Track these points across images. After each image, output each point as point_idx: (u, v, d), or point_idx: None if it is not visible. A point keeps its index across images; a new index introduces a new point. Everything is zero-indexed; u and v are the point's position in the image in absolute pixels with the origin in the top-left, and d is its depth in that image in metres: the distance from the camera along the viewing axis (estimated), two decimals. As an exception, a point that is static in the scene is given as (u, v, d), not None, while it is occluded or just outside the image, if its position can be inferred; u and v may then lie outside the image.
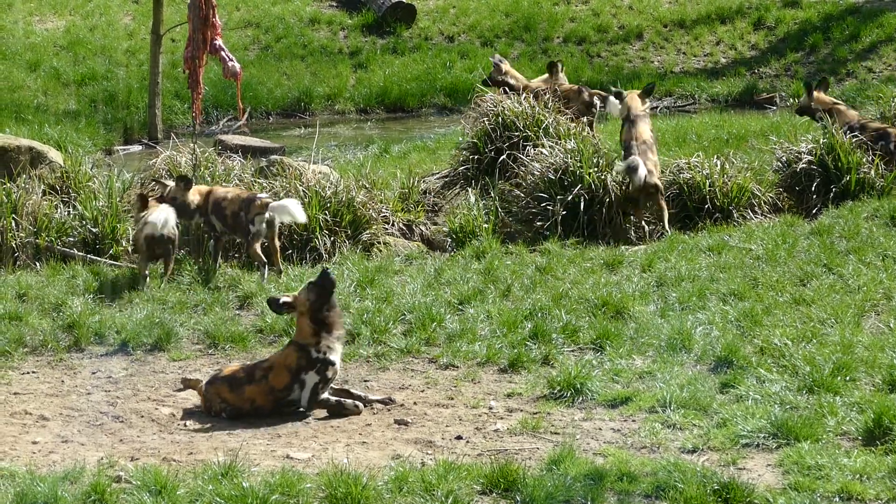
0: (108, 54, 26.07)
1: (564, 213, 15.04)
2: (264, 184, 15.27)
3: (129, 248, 14.71)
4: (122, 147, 22.20)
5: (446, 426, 9.71)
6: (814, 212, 15.59)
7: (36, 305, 12.57)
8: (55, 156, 16.18)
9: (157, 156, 16.52)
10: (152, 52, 22.34)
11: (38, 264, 14.18)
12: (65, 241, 14.51)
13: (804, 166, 16.01)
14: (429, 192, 16.65)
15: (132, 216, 14.25)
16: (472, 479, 8.40)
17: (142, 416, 10.04)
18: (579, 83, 24.06)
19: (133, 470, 8.60)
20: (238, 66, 15.46)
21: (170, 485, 8.26)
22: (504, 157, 16.31)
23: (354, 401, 10.08)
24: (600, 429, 9.53)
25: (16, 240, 14.33)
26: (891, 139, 16.13)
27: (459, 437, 9.44)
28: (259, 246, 13.62)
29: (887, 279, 12.50)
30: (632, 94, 16.09)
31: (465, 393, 10.42)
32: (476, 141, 16.82)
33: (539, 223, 15.11)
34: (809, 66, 25.89)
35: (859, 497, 8.11)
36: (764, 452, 8.86)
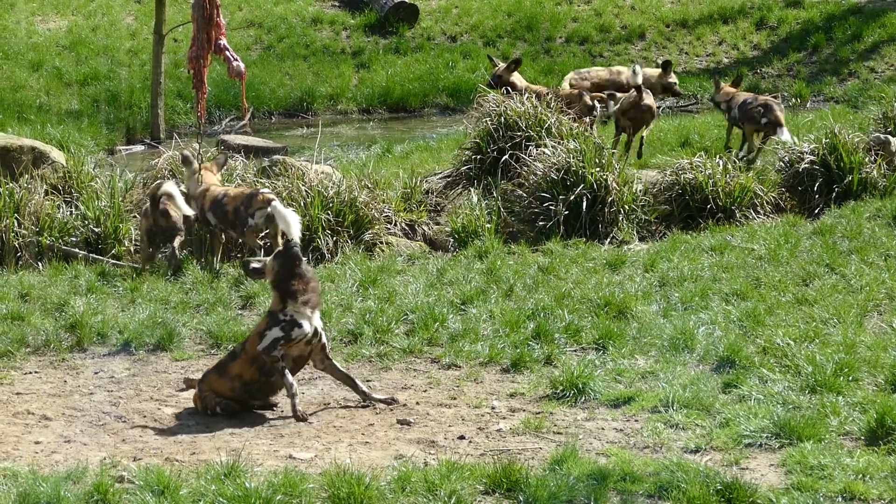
0: (110, 54, 26.09)
1: (567, 212, 15.04)
2: (266, 183, 15.27)
3: (132, 248, 14.74)
4: (124, 147, 22.22)
5: (449, 426, 9.71)
6: (816, 212, 15.60)
7: (38, 305, 12.57)
8: (57, 156, 16.18)
9: (159, 156, 16.53)
10: (155, 51, 22.37)
11: (40, 264, 14.19)
12: (67, 240, 14.51)
13: (806, 166, 16.02)
14: (431, 192, 16.64)
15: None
16: (474, 479, 8.39)
17: (144, 416, 10.04)
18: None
19: (136, 470, 8.60)
20: (242, 65, 15.41)
21: (172, 485, 8.25)
22: (506, 156, 16.31)
23: (289, 387, 9.98)
24: (603, 429, 9.53)
25: (18, 239, 14.33)
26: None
27: (462, 437, 9.44)
28: (255, 237, 13.68)
29: (890, 279, 12.50)
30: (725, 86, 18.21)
31: (468, 393, 10.42)
32: (479, 141, 16.81)
33: (541, 223, 15.11)
34: (812, 66, 25.91)
35: (862, 497, 8.11)
36: (767, 452, 8.86)
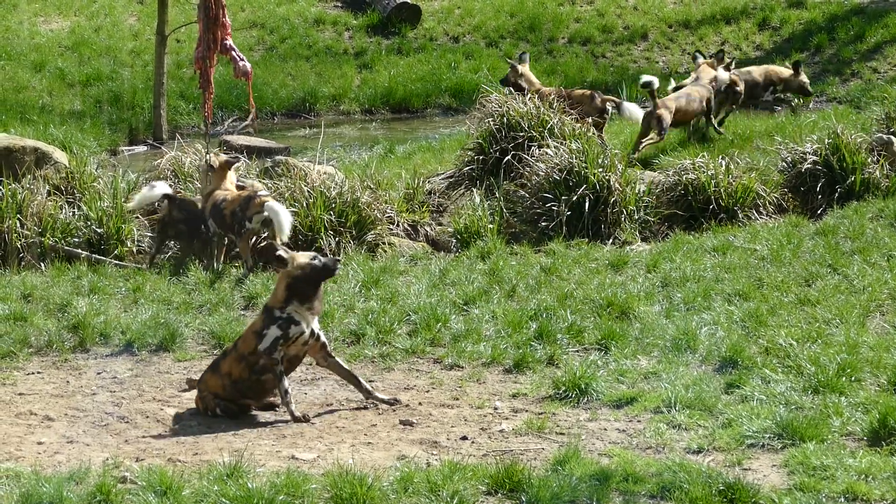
0: (113, 55, 26.09)
1: (569, 213, 15.04)
2: (269, 184, 15.28)
3: (134, 249, 14.75)
4: (127, 147, 22.23)
5: (451, 427, 9.72)
6: (819, 212, 15.59)
7: (41, 306, 12.58)
8: (60, 156, 16.18)
9: (162, 156, 16.54)
10: (157, 52, 22.38)
11: (42, 265, 14.19)
12: (70, 241, 14.51)
13: (809, 167, 16.01)
14: (434, 193, 16.64)
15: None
16: (477, 479, 8.40)
17: (147, 417, 10.04)
18: (584, 84, 24.16)
19: (138, 470, 8.61)
20: (248, 65, 15.46)
21: (175, 485, 8.26)
22: (509, 157, 16.31)
23: (284, 393, 9.96)
24: (605, 429, 9.53)
25: (21, 240, 14.33)
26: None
27: (465, 438, 9.45)
28: (250, 243, 13.70)
29: (892, 279, 12.50)
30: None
31: (471, 393, 10.42)
32: (481, 141, 16.81)
33: (544, 223, 15.10)
34: (814, 67, 25.85)
35: (864, 497, 8.11)
36: (769, 453, 8.86)
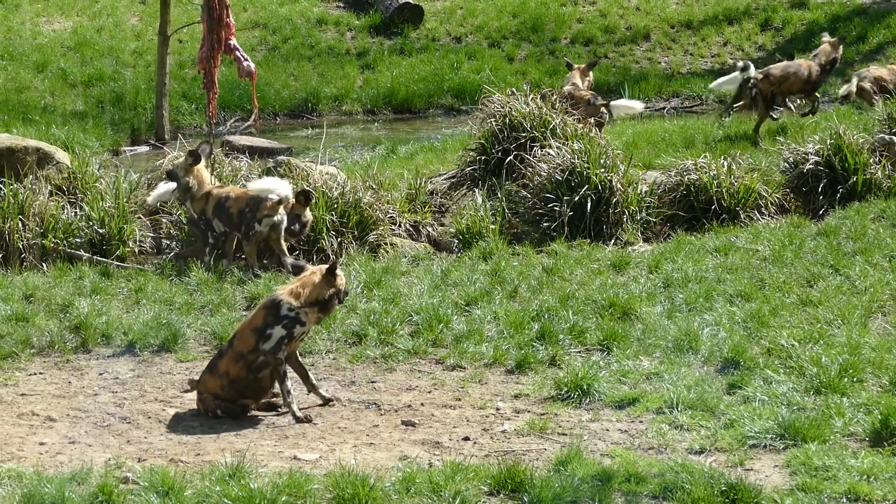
0: (115, 55, 26.10)
1: (571, 213, 15.04)
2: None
3: (136, 249, 14.76)
4: (129, 148, 22.24)
5: (453, 427, 9.72)
6: (820, 213, 15.59)
7: (43, 306, 12.58)
8: (62, 156, 16.18)
9: (164, 156, 16.54)
10: (159, 52, 22.38)
11: (44, 265, 14.20)
12: (71, 241, 14.51)
13: (811, 167, 16.01)
14: (436, 193, 16.63)
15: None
16: (479, 480, 8.40)
17: (149, 418, 10.05)
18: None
19: (140, 471, 8.61)
20: (252, 65, 15.48)
21: (177, 486, 8.27)
22: (511, 157, 16.30)
23: (287, 393, 9.99)
24: (608, 430, 9.53)
25: (23, 241, 14.33)
26: None
27: (467, 438, 9.45)
28: (255, 247, 13.74)
29: (894, 280, 12.50)
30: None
31: (473, 394, 10.43)
32: (483, 142, 16.81)
33: (546, 224, 15.10)
34: (816, 67, 25.84)
35: (866, 498, 8.11)
36: (771, 453, 8.86)
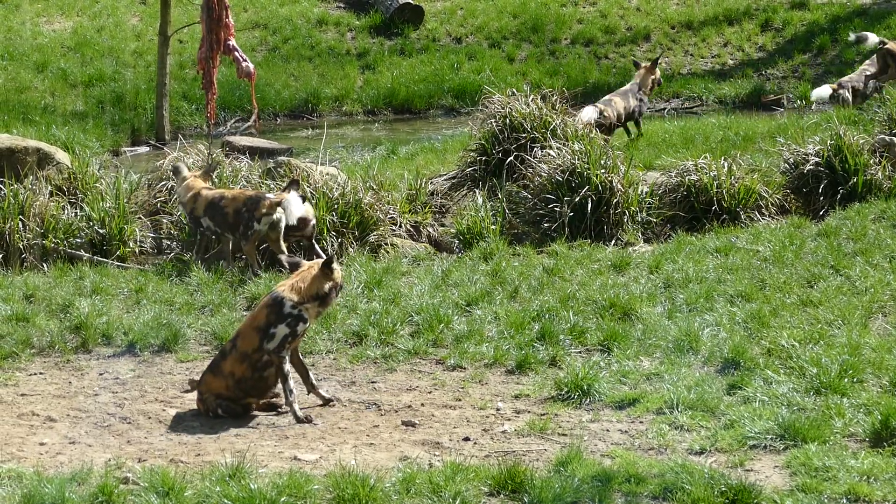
0: (115, 55, 26.09)
1: (572, 214, 15.04)
2: (272, 185, 15.30)
3: (137, 250, 14.77)
4: (129, 148, 22.23)
5: (454, 427, 9.72)
6: (821, 213, 15.58)
7: (43, 307, 12.58)
8: (62, 157, 16.19)
9: (164, 157, 16.54)
10: (160, 53, 22.38)
11: (45, 265, 14.20)
12: (72, 242, 14.52)
13: (811, 168, 16.01)
14: (436, 194, 16.64)
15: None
16: (479, 480, 8.40)
17: (149, 418, 10.05)
18: (586, 84, 24.18)
19: (140, 471, 8.61)
20: (251, 66, 15.48)
21: (177, 486, 8.27)
22: (511, 158, 16.31)
23: (289, 392, 9.96)
24: (608, 430, 9.53)
25: (23, 241, 14.33)
26: None
27: (467, 439, 9.45)
28: (255, 246, 13.77)
29: (894, 281, 12.50)
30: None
31: (473, 394, 10.43)
32: (484, 142, 16.81)
33: (546, 224, 15.11)
34: (817, 68, 25.87)
35: (866, 498, 8.11)
36: (771, 454, 8.86)
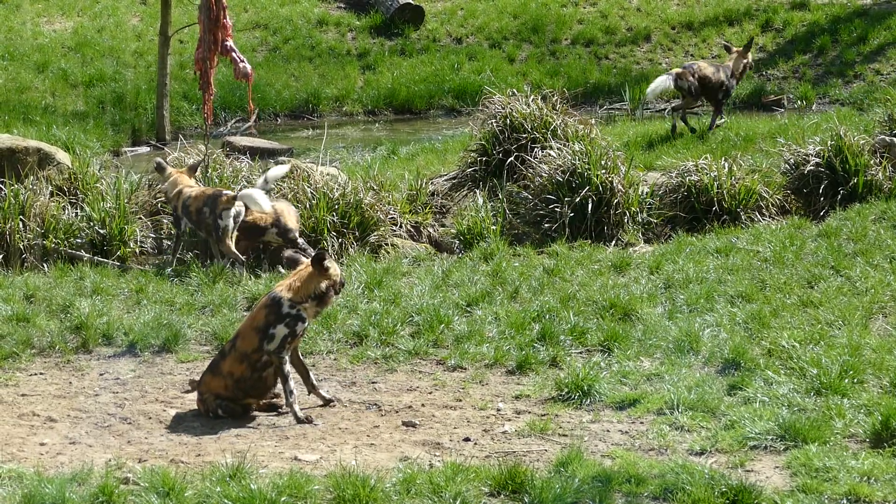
0: (116, 55, 26.09)
1: (572, 214, 15.04)
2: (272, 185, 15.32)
3: (137, 250, 14.78)
4: (129, 148, 22.23)
5: (454, 428, 9.72)
6: (821, 214, 15.59)
7: (43, 307, 12.58)
8: (63, 157, 16.19)
9: (164, 157, 16.54)
10: (160, 53, 22.37)
11: (45, 266, 14.20)
12: (72, 242, 14.52)
13: (812, 168, 16.02)
14: (437, 194, 16.64)
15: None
16: (480, 480, 8.40)
17: (150, 418, 10.05)
18: (587, 85, 24.19)
19: (141, 471, 8.61)
20: (249, 67, 15.47)
21: (178, 486, 8.26)
22: (512, 158, 16.32)
23: (289, 393, 9.95)
24: (608, 431, 9.53)
25: (23, 241, 14.33)
26: None
27: (467, 439, 9.45)
28: (233, 241, 13.79)
29: (895, 281, 12.50)
30: None
31: (473, 395, 10.43)
32: (484, 143, 16.82)
33: (547, 225, 15.11)
34: (817, 69, 25.87)
35: (867, 499, 8.11)
36: (772, 454, 8.86)
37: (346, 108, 25.47)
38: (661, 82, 18.72)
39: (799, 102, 23.80)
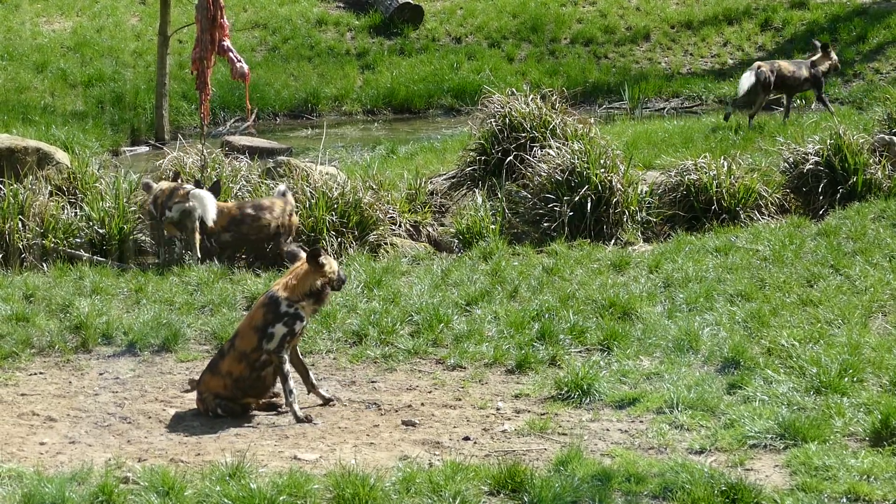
0: (115, 55, 26.10)
1: (571, 214, 15.04)
2: (271, 185, 15.31)
3: (136, 249, 14.79)
4: (129, 148, 22.25)
5: (454, 427, 9.72)
6: (821, 213, 15.60)
7: (43, 306, 12.58)
8: (62, 157, 16.19)
9: (164, 157, 16.55)
10: (159, 53, 22.39)
11: (44, 265, 14.20)
12: (71, 242, 14.52)
13: (811, 167, 16.02)
14: (436, 193, 16.64)
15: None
16: (479, 479, 8.40)
17: (149, 417, 10.04)
18: (586, 84, 24.18)
19: (141, 471, 8.61)
20: (246, 67, 15.46)
21: (177, 486, 8.26)
22: (511, 158, 16.31)
23: (289, 392, 9.93)
24: (608, 430, 9.53)
25: (23, 241, 14.33)
26: None
27: (467, 438, 9.45)
28: (198, 237, 13.98)
29: (894, 280, 12.50)
30: None
31: (473, 394, 10.42)
32: (483, 142, 16.82)
33: (546, 224, 15.11)
34: (817, 68, 25.85)
35: (866, 498, 8.11)
36: (771, 453, 8.86)
37: (345, 107, 25.49)
38: (746, 82, 19.14)
39: (798, 101, 23.77)
